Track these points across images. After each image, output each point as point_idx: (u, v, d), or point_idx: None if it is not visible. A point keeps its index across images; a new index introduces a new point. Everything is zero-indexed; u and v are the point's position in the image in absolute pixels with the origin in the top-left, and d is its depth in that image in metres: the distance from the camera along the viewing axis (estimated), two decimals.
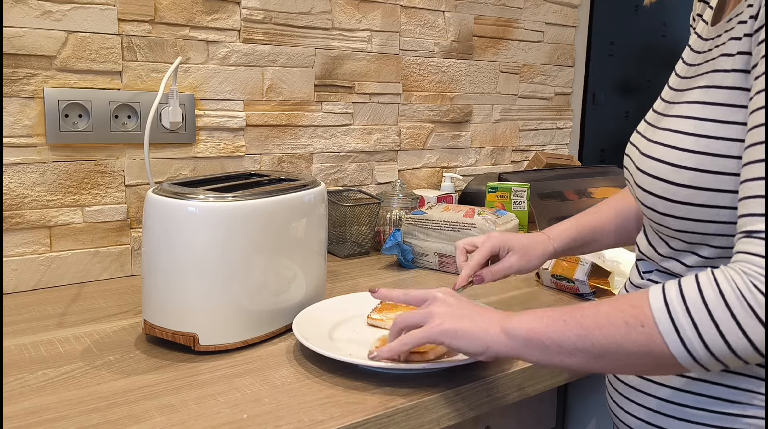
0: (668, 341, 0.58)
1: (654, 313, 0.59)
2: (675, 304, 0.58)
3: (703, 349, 0.57)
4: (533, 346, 0.67)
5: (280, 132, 1.41)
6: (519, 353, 0.69)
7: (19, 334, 0.95)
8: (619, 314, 0.61)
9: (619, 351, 0.61)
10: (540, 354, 0.67)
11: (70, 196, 1.18)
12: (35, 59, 1.12)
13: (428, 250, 1.32)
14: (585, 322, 0.63)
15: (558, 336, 0.65)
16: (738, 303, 0.56)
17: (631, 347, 0.60)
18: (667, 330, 0.58)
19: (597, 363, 0.64)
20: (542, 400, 1.03)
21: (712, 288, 0.57)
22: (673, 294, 0.59)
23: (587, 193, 1.62)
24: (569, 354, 0.64)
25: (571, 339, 0.64)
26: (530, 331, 0.67)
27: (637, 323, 0.60)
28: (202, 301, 0.88)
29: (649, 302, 0.60)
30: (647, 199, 0.69)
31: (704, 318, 0.57)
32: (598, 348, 0.62)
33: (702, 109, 0.65)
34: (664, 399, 0.70)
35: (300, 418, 0.72)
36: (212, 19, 1.28)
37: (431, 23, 1.63)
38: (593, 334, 0.62)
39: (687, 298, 0.58)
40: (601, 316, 0.63)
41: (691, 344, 0.57)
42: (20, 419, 0.71)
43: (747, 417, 0.64)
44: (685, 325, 0.57)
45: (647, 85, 2.40)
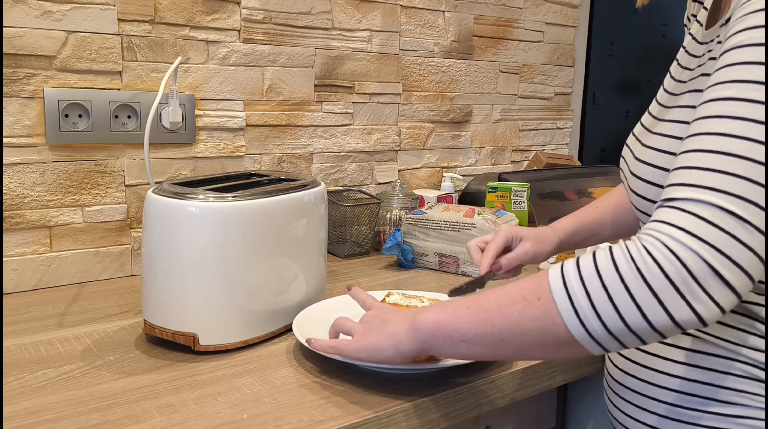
0: (562, 312, 0.57)
1: (551, 283, 0.58)
2: (570, 274, 0.57)
3: (597, 321, 0.55)
4: (439, 338, 0.66)
5: (280, 132, 1.41)
6: (426, 347, 0.69)
7: (19, 334, 0.95)
8: (518, 291, 0.61)
9: (518, 330, 0.60)
10: (445, 345, 0.66)
11: (70, 196, 1.18)
12: (35, 59, 1.12)
13: (428, 250, 1.32)
14: (487, 304, 0.63)
15: (461, 323, 0.64)
16: (627, 267, 0.54)
17: (529, 323, 0.59)
18: (561, 299, 0.57)
19: (499, 348, 0.62)
20: (542, 400, 1.03)
21: (606, 257, 0.56)
22: (569, 266, 0.58)
23: (587, 193, 1.62)
24: (473, 342, 0.64)
25: (473, 324, 0.63)
26: (435, 322, 0.67)
27: (534, 297, 0.59)
28: (202, 301, 0.88)
29: (548, 276, 0.59)
30: (640, 203, 0.69)
31: (597, 286, 0.55)
32: (499, 329, 0.61)
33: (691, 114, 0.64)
34: (665, 401, 0.69)
35: (300, 418, 0.72)
36: (212, 19, 1.28)
37: (431, 23, 1.63)
38: (494, 316, 0.62)
39: (582, 268, 0.57)
40: (503, 295, 0.62)
41: (584, 315, 0.56)
42: (20, 419, 0.71)
43: (747, 418, 0.64)
44: (578, 293, 0.56)
45: (647, 85, 2.40)
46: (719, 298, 0.53)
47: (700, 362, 0.67)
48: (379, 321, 0.75)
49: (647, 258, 0.53)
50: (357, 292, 0.87)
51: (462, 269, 1.29)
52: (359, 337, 0.75)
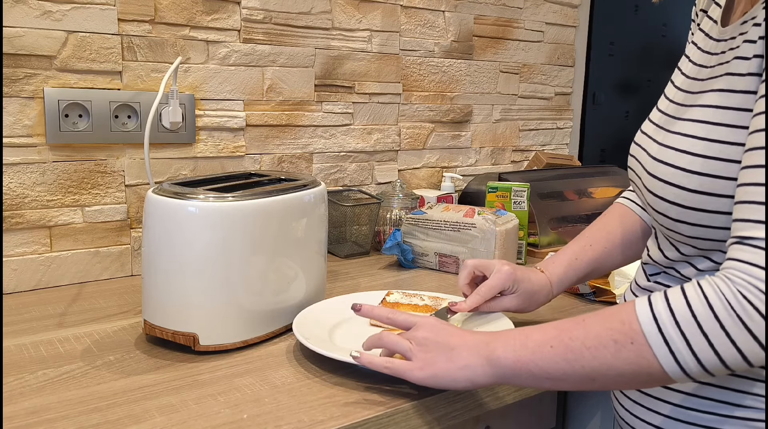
0: (659, 356, 0.58)
1: (643, 328, 0.58)
2: (664, 318, 0.58)
3: (695, 363, 0.57)
4: (521, 376, 0.66)
5: (280, 132, 1.41)
6: (505, 381, 0.68)
7: (19, 334, 0.95)
8: (608, 333, 0.60)
9: (610, 371, 0.61)
10: (528, 381, 0.66)
11: (70, 196, 1.18)
12: (35, 59, 1.12)
13: (428, 250, 1.32)
14: (573, 345, 0.62)
15: (546, 363, 0.64)
16: (726, 314, 0.55)
17: (622, 366, 0.60)
18: (657, 345, 0.58)
19: (587, 385, 0.63)
20: (542, 400, 1.03)
21: (700, 300, 0.57)
22: (661, 308, 0.58)
23: (587, 193, 1.62)
24: (559, 380, 0.64)
25: (560, 365, 0.63)
26: (517, 361, 0.66)
27: (627, 340, 0.59)
28: (202, 301, 0.88)
29: (638, 317, 0.59)
30: (658, 205, 0.68)
31: (694, 331, 0.56)
32: (589, 370, 0.62)
33: (715, 114, 0.63)
34: (675, 403, 0.69)
35: (300, 418, 0.72)
36: (212, 19, 1.28)
37: (431, 23, 1.63)
38: (583, 357, 0.62)
39: (675, 312, 0.57)
40: (590, 337, 0.62)
41: (682, 358, 0.57)
42: (20, 419, 0.71)
43: (751, 420, 0.64)
44: (675, 339, 0.57)
45: (647, 85, 2.40)
46: None
47: None
48: (442, 347, 0.71)
49: (746, 305, 0.54)
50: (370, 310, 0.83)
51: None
52: (424, 365, 0.71)
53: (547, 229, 1.46)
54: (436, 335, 0.73)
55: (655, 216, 0.70)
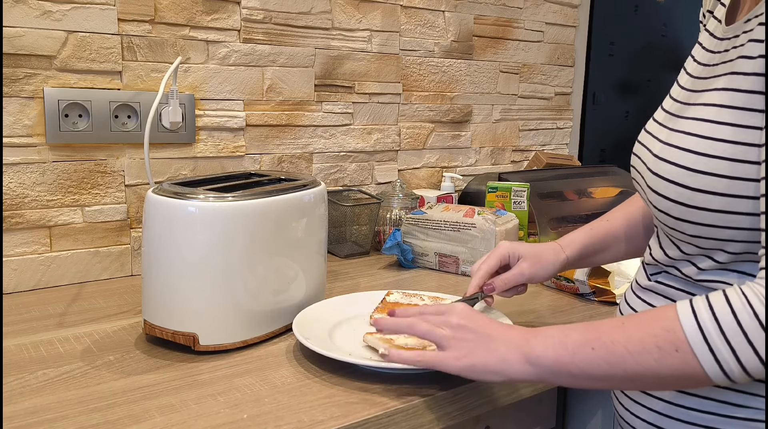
0: (705, 365, 0.58)
1: (688, 336, 0.58)
2: (709, 327, 0.58)
3: (740, 370, 0.57)
4: (560, 375, 0.66)
5: (280, 132, 1.41)
6: (543, 380, 0.68)
7: (19, 334, 0.95)
8: (651, 339, 0.60)
9: (653, 376, 0.61)
10: (567, 381, 0.66)
11: (70, 196, 1.18)
12: (35, 59, 1.12)
13: (428, 250, 1.32)
14: (616, 349, 0.62)
15: (587, 365, 0.63)
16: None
17: (666, 371, 0.60)
18: (702, 354, 0.58)
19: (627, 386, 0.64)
20: (542, 400, 1.03)
21: (745, 308, 0.57)
22: (705, 316, 0.58)
23: (587, 193, 1.62)
24: (600, 380, 0.64)
25: (602, 367, 0.63)
26: (557, 361, 0.65)
27: (671, 348, 0.59)
28: (202, 301, 0.88)
29: (681, 325, 0.59)
30: (661, 203, 0.68)
31: (740, 340, 0.57)
32: (631, 374, 0.62)
33: (719, 113, 0.63)
34: (670, 402, 0.69)
35: (300, 418, 0.72)
36: (212, 19, 1.28)
37: (431, 23, 1.63)
38: (626, 362, 0.61)
39: (721, 320, 0.58)
40: (633, 342, 0.61)
41: (728, 366, 0.57)
42: (20, 419, 0.71)
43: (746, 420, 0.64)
44: (721, 348, 0.57)
45: (647, 85, 2.40)
46: None
47: None
48: (481, 337, 0.70)
49: None
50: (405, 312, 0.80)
51: (462, 269, 1.29)
52: (461, 355, 0.70)
53: (547, 229, 1.46)
54: (472, 323, 0.72)
55: (658, 214, 0.70)
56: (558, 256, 0.92)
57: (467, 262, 1.28)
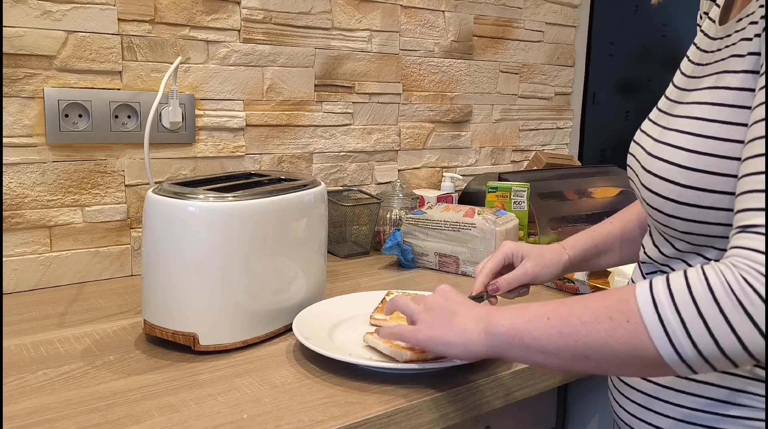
0: (654, 337, 0.56)
1: (640, 307, 0.57)
2: (662, 297, 0.56)
3: (691, 347, 0.55)
4: (514, 346, 0.65)
5: (280, 132, 1.41)
6: (498, 352, 0.67)
7: (19, 334, 0.95)
8: (604, 309, 0.59)
9: (604, 350, 0.59)
10: (521, 353, 0.65)
11: (70, 196, 1.18)
12: (35, 59, 1.12)
13: (428, 250, 1.32)
14: (570, 318, 0.61)
15: (540, 334, 0.63)
16: (727, 298, 0.53)
17: (616, 345, 0.58)
18: (652, 325, 0.56)
19: (581, 363, 0.61)
20: (542, 400, 1.03)
21: (701, 282, 0.55)
22: (660, 288, 0.57)
23: (587, 193, 1.62)
24: (552, 354, 0.62)
25: (554, 337, 0.62)
26: (511, 328, 0.65)
27: (623, 318, 0.58)
28: (202, 301, 0.88)
29: (636, 297, 0.57)
30: (653, 200, 0.68)
31: (691, 312, 0.54)
32: (582, 346, 0.60)
33: (709, 110, 0.63)
34: (672, 403, 0.69)
35: (300, 418, 0.72)
36: (212, 19, 1.28)
37: (431, 23, 1.63)
38: (577, 332, 0.60)
39: (674, 292, 0.56)
40: (587, 312, 0.60)
41: (678, 341, 0.55)
42: (20, 419, 0.71)
43: (751, 420, 0.64)
44: (672, 320, 0.55)
45: (647, 85, 2.40)
46: None
47: None
48: (447, 312, 0.73)
49: (748, 289, 0.53)
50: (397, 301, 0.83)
51: (462, 269, 1.29)
52: (425, 327, 0.73)
53: (547, 229, 1.46)
54: (445, 300, 0.74)
55: (651, 212, 0.70)
56: (561, 257, 0.92)
57: (467, 262, 1.28)
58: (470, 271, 1.28)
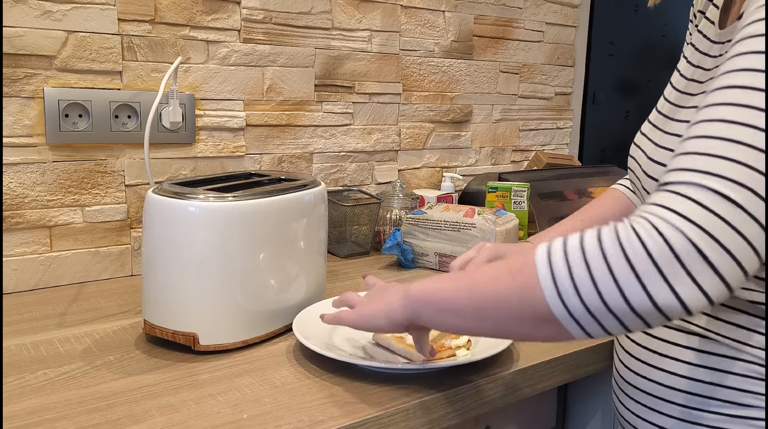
0: (542, 283, 0.55)
1: (536, 259, 0.57)
2: (556, 247, 0.56)
3: (575, 295, 0.53)
4: (427, 307, 0.67)
5: (280, 132, 1.41)
6: (416, 316, 0.69)
7: (19, 334, 0.95)
8: (506, 267, 0.60)
9: (500, 302, 0.59)
10: (434, 314, 0.66)
11: (70, 196, 1.18)
12: (35, 59, 1.12)
13: (428, 250, 1.32)
14: (476, 276, 0.62)
15: (450, 294, 0.64)
16: (611, 243, 0.52)
17: (510, 295, 0.58)
18: (543, 274, 0.55)
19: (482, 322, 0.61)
20: (542, 400, 1.03)
21: (592, 234, 0.54)
22: (557, 242, 0.57)
23: (587, 193, 1.62)
24: (457, 313, 0.63)
25: (460, 294, 0.63)
26: (426, 290, 0.67)
27: (519, 272, 0.58)
28: (202, 301, 0.88)
29: (536, 252, 0.58)
30: None
31: (578, 260, 0.53)
32: (483, 301, 0.61)
33: None
34: (677, 403, 0.69)
35: (300, 418, 0.72)
36: (212, 19, 1.28)
37: (431, 23, 1.63)
38: (479, 287, 0.61)
39: (568, 244, 0.55)
40: (493, 271, 0.61)
41: (563, 287, 0.54)
42: (20, 419, 0.71)
43: (751, 419, 0.64)
44: (560, 266, 0.54)
45: (647, 85, 2.40)
46: (704, 283, 0.50)
47: (714, 364, 0.67)
48: (378, 291, 0.77)
49: (633, 237, 0.52)
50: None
51: None
52: (357, 309, 0.77)
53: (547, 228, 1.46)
54: (383, 286, 0.78)
55: None
56: None
57: None
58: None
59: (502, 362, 0.87)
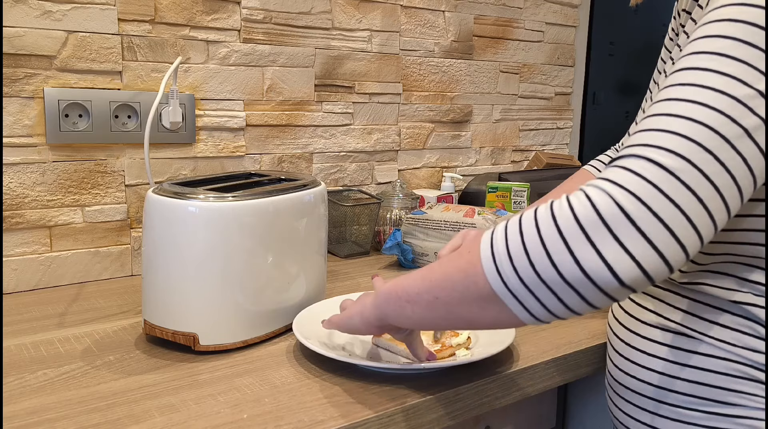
0: (483, 258, 0.56)
1: (482, 236, 0.58)
2: (500, 225, 0.57)
3: (510, 267, 0.54)
4: (391, 301, 0.68)
5: (280, 132, 1.41)
6: (382, 311, 0.70)
7: (19, 334, 0.95)
8: (459, 252, 0.61)
9: (447, 283, 0.60)
10: (396, 307, 0.68)
11: (70, 196, 1.18)
12: (35, 59, 1.12)
13: (428, 250, 1.32)
14: (433, 267, 0.64)
15: (409, 283, 0.66)
16: (545, 215, 0.53)
17: (456, 275, 0.59)
18: (484, 247, 0.56)
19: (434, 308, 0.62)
20: (542, 400, 1.03)
21: (531, 211, 0.55)
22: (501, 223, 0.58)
23: None
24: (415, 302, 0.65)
25: (417, 282, 0.65)
26: (391, 283, 0.69)
27: (467, 250, 0.59)
28: (202, 301, 0.88)
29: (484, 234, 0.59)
30: None
31: (514, 231, 0.54)
32: (434, 286, 0.62)
33: None
34: (663, 401, 0.70)
35: (300, 418, 0.72)
36: (212, 19, 1.28)
37: (431, 23, 1.63)
38: (433, 273, 0.63)
39: (509, 220, 0.56)
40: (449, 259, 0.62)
41: (499, 260, 0.54)
42: (20, 419, 0.71)
43: (744, 418, 0.64)
44: (499, 240, 0.55)
45: (647, 85, 2.40)
46: (634, 250, 0.49)
47: (698, 363, 0.67)
48: (365, 295, 0.78)
49: (564, 204, 0.52)
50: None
51: None
52: (343, 311, 0.79)
53: None
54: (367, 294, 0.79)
55: None
56: None
57: None
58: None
59: (502, 362, 0.87)
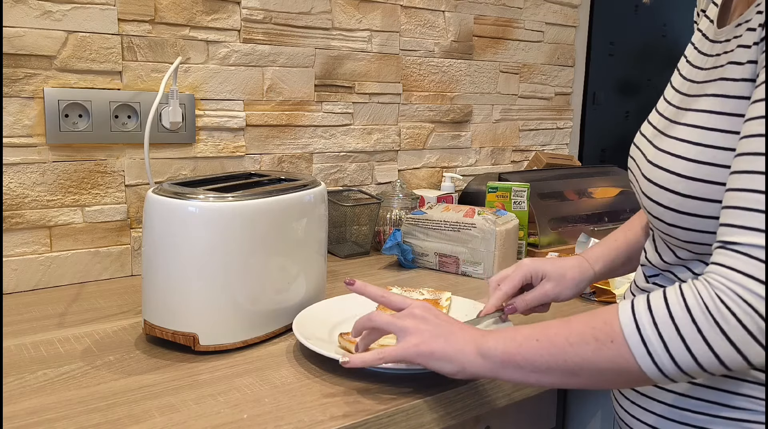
0: (637, 357, 0.59)
1: (623, 328, 0.60)
2: (643, 319, 0.59)
3: (671, 364, 0.58)
4: (509, 367, 0.68)
5: (280, 132, 1.41)
6: (495, 374, 0.69)
7: (19, 334, 0.95)
8: (590, 330, 0.62)
9: (591, 367, 0.62)
10: (516, 374, 0.68)
11: (70, 196, 1.18)
12: (35, 59, 1.12)
13: (428, 250, 1.32)
14: (557, 340, 0.64)
15: (531, 356, 0.66)
16: (703, 317, 0.56)
17: (602, 363, 0.61)
18: (635, 345, 0.59)
19: (572, 380, 0.64)
20: (542, 400, 1.03)
21: (679, 302, 0.58)
22: (641, 309, 0.60)
23: (587, 193, 1.62)
24: (544, 372, 0.65)
25: (545, 358, 0.65)
26: (504, 353, 0.68)
27: (607, 339, 0.61)
28: (202, 301, 0.88)
29: (619, 318, 0.60)
30: (654, 209, 0.68)
31: (671, 333, 0.57)
32: (571, 365, 0.63)
33: (709, 119, 0.63)
34: (668, 403, 0.69)
35: (300, 418, 0.72)
36: (212, 19, 1.28)
37: (431, 23, 1.63)
38: (565, 352, 0.63)
39: (654, 313, 0.59)
40: (573, 333, 0.63)
41: (659, 359, 0.58)
42: (20, 419, 0.71)
43: (746, 422, 0.64)
44: (653, 340, 0.58)
45: (647, 85, 2.40)
46: None
47: None
48: (441, 327, 0.73)
49: (723, 309, 0.55)
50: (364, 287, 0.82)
51: (462, 269, 1.29)
52: (421, 342, 0.72)
53: (547, 229, 1.46)
54: (434, 316, 0.75)
55: (652, 220, 0.70)
56: (584, 274, 0.91)
57: (467, 262, 1.28)
58: (470, 271, 1.28)
59: None
